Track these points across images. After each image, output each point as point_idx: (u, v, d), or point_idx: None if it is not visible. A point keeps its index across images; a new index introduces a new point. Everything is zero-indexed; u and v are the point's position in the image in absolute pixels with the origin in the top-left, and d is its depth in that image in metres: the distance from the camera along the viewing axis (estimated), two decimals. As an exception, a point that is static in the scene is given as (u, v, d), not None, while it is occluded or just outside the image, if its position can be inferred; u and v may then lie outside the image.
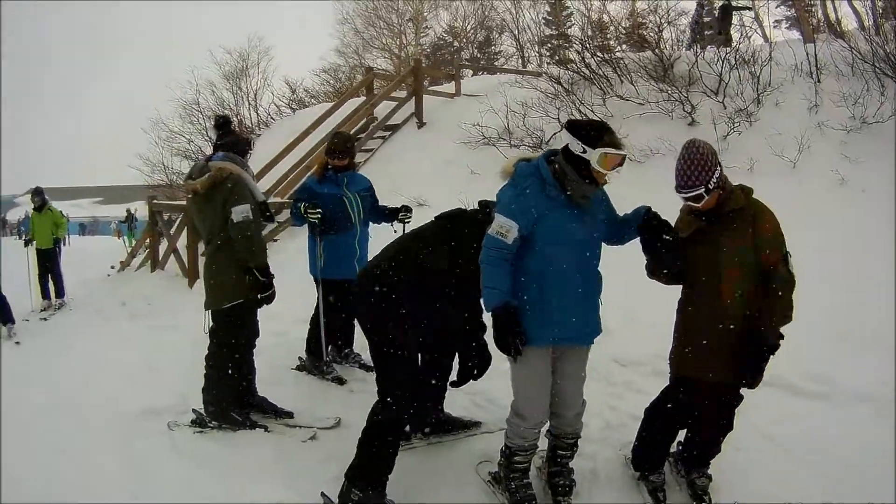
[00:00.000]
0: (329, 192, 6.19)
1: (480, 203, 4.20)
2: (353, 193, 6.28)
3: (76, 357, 7.70)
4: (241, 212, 4.94)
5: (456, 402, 5.34)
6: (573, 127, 3.66)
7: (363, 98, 15.78)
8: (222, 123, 6.03)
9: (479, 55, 35.42)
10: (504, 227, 3.56)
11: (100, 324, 9.70)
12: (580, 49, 12.79)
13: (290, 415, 5.37)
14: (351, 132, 14.02)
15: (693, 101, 10.19)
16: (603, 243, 3.92)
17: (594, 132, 3.57)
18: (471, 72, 23.11)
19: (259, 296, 5.06)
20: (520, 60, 34.09)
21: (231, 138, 5.54)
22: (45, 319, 10.84)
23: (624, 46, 13.37)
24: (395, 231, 5.89)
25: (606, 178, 3.65)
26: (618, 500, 4.09)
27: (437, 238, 4.12)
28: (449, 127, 12.82)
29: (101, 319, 10.01)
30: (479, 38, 36.37)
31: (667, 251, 3.77)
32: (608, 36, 16.16)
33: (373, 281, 4.02)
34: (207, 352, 5.21)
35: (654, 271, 3.96)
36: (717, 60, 10.54)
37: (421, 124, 14.45)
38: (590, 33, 16.15)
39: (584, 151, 3.54)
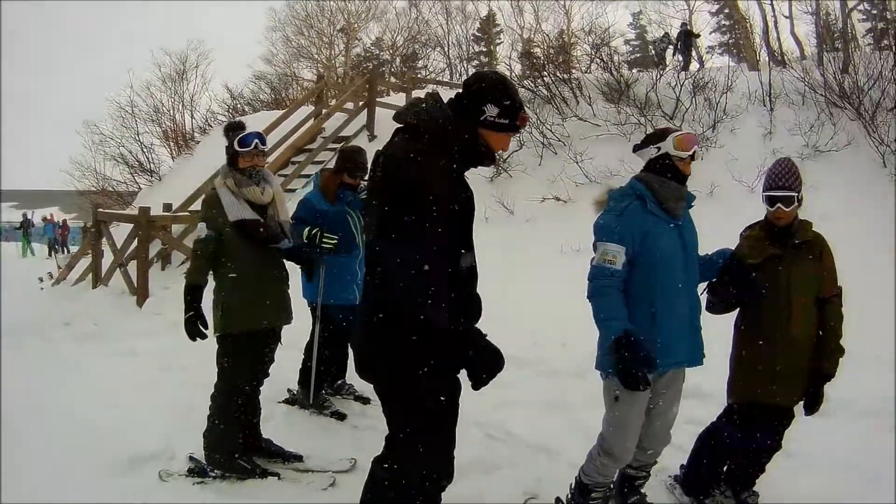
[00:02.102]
0: (335, 210, 5.72)
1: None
2: (356, 211, 5.77)
3: (18, 393, 6.27)
4: (197, 230, 4.61)
5: (470, 434, 5.06)
6: (642, 142, 3.82)
7: (309, 108, 15.64)
8: (235, 127, 4.93)
9: (404, 69, 35.49)
10: (611, 254, 3.51)
11: (40, 348, 8.61)
12: (538, 68, 13.00)
13: (299, 458, 4.87)
14: (301, 144, 14.05)
15: (652, 124, 10.45)
16: None
17: (656, 133, 3.80)
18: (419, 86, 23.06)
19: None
20: (448, 76, 34.31)
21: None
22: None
23: (583, 67, 13.43)
24: None
25: (690, 166, 3.75)
26: None
27: None
28: None
29: (40, 342, 8.91)
30: (406, 51, 36.46)
31: (752, 293, 3.86)
32: (569, 56, 16.29)
33: None
34: (214, 389, 4.66)
35: (721, 308, 4.03)
36: (676, 85, 10.89)
37: (372, 137, 14.40)
38: (551, 52, 16.16)
39: (659, 149, 3.68)
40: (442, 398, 2.98)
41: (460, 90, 3.02)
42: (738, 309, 4.04)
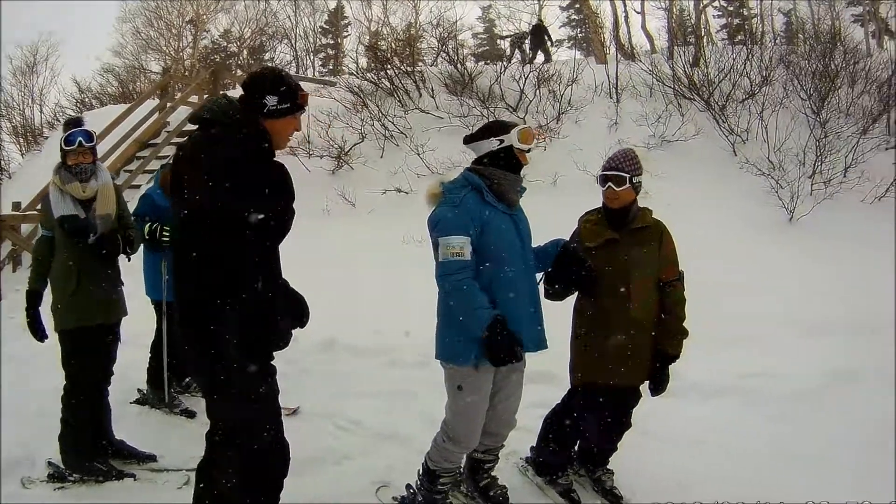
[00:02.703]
0: None
1: None
2: None
3: None
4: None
5: (319, 426, 5.20)
6: (478, 134, 3.79)
7: (155, 101, 14.91)
8: (72, 123, 4.99)
9: (251, 61, 34.53)
10: (457, 246, 3.49)
11: None
12: (383, 61, 12.88)
13: (153, 458, 4.83)
14: (146, 139, 13.56)
15: (495, 116, 10.38)
16: None
17: (498, 124, 3.80)
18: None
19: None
20: (294, 69, 33.64)
21: None
22: None
23: (429, 60, 13.25)
24: None
25: (528, 157, 3.76)
26: None
27: None
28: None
29: None
30: (254, 43, 35.58)
31: (588, 281, 3.90)
32: (414, 49, 16.02)
33: None
34: (63, 391, 4.60)
35: (558, 295, 4.04)
36: (521, 78, 10.94)
37: None
38: (397, 46, 15.80)
39: (502, 141, 3.66)
40: (261, 388, 3.04)
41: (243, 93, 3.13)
42: (577, 294, 4.07)
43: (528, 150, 3.72)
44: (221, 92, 4.13)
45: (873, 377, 5.53)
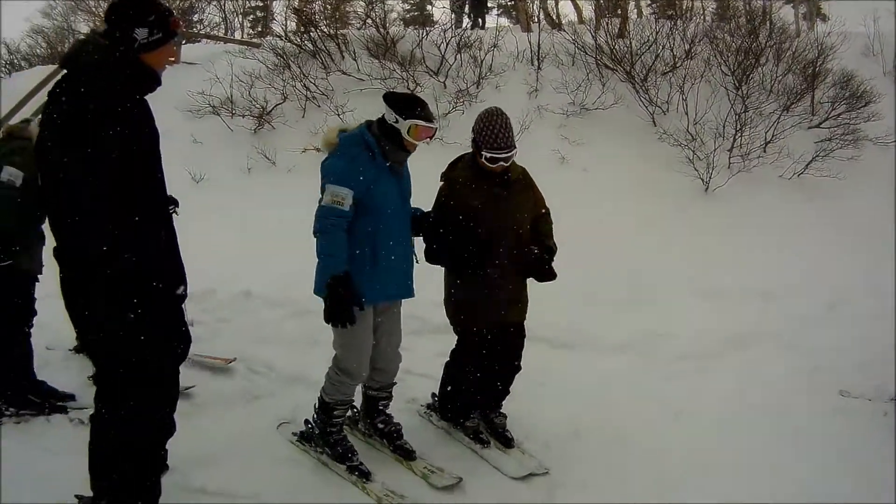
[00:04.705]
0: None
1: None
2: None
3: None
4: None
5: (230, 370, 5.47)
6: (388, 98, 3.92)
7: None
8: None
9: (182, 22, 33.53)
10: (339, 196, 3.71)
11: None
12: (308, 24, 12.66)
13: (72, 397, 4.92)
14: None
15: (417, 80, 10.55)
16: None
17: (406, 104, 3.88)
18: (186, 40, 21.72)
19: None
20: (223, 30, 32.95)
21: None
22: None
23: (357, 24, 13.07)
24: None
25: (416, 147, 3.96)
26: (441, 450, 4.31)
27: None
28: (170, 95, 11.81)
29: None
30: (183, 5, 34.71)
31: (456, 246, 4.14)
32: (341, 13, 15.73)
33: None
34: None
35: (435, 258, 4.28)
36: (442, 43, 10.94)
37: None
38: (326, 9, 15.50)
39: (396, 122, 3.82)
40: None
41: (106, 26, 2.91)
42: (452, 250, 4.22)
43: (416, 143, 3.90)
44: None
45: (764, 342, 5.79)
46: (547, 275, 4.23)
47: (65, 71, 2.88)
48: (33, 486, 3.64)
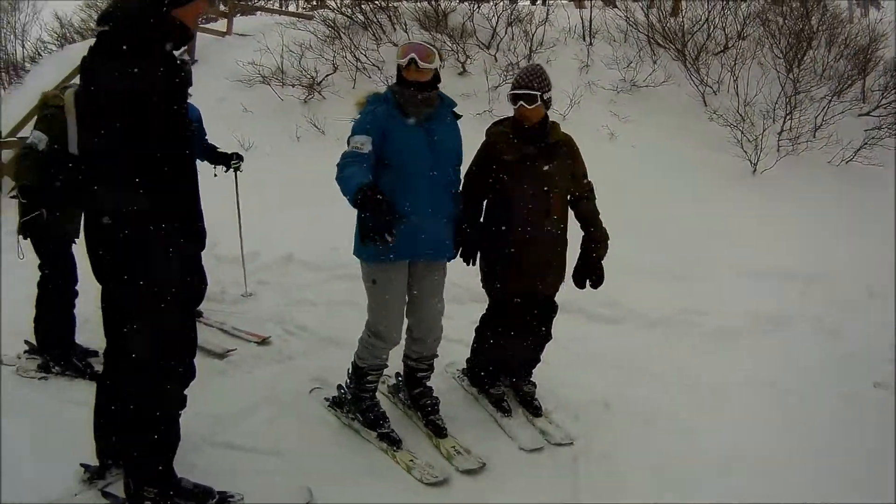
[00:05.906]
0: None
1: None
2: None
3: None
4: None
5: (266, 330, 5.64)
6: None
7: None
8: None
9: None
10: (359, 142, 3.73)
11: None
12: None
13: (95, 353, 4.98)
14: None
15: (467, 53, 10.56)
16: None
17: (406, 44, 3.94)
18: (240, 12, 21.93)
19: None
20: (277, 3, 33.03)
21: None
22: None
23: None
24: (216, 177, 5.76)
25: (415, 73, 3.84)
26: (466, 415, 4.38)
27: None
28: (222, 65, 12.32)
29: None
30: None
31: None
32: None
33: None
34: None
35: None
36: (493, 16, 10.99)
37: (193, 61, 13.45)
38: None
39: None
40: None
41: None
42: (486, 212, 4.29)
43: (413, 66, 3.81)
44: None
45: (801, 324, 5.74)
46: (599, 282, 4.29)
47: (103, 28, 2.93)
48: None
